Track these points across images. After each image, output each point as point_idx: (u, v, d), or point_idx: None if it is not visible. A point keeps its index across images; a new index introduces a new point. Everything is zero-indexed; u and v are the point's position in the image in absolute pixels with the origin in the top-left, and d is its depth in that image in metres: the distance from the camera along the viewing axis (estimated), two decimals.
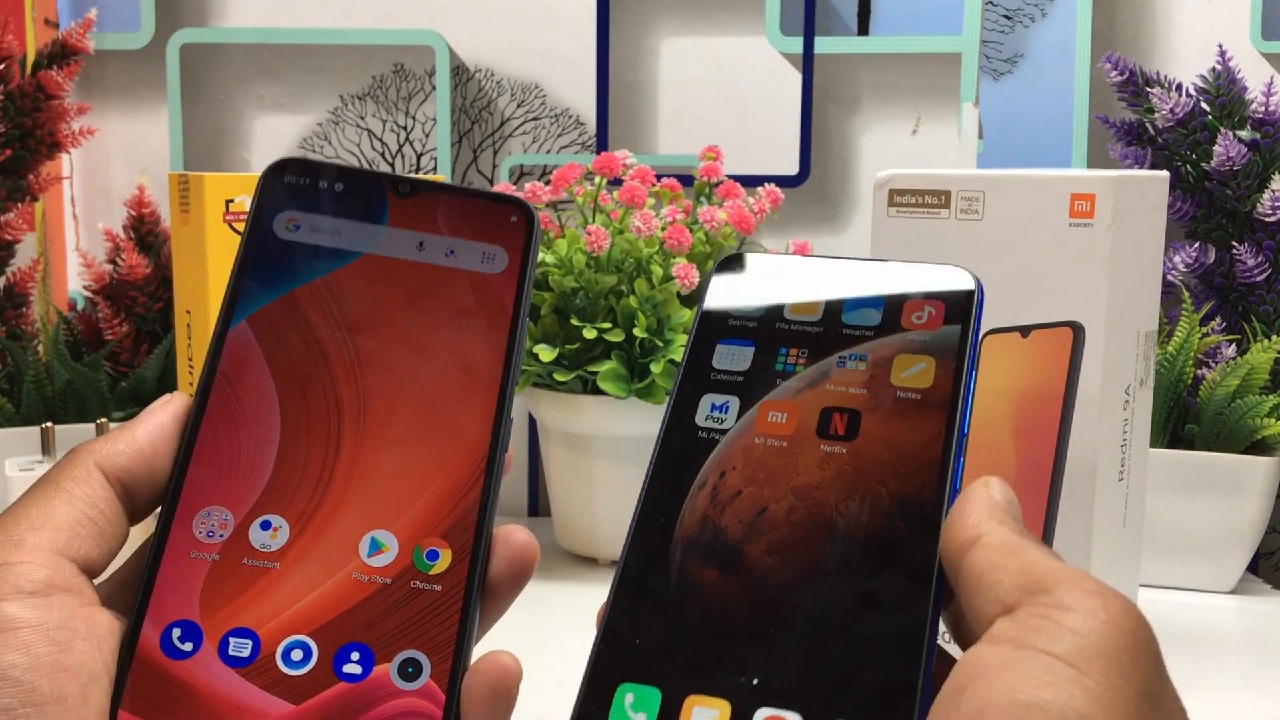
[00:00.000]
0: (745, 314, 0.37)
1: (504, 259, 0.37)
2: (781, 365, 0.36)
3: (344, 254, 0.37)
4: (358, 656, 0.33)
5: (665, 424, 0.36)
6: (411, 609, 0.33)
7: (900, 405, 0.35)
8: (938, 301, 0.36)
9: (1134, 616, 0.28)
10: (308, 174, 0.37)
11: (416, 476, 0.35)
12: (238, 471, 0.35)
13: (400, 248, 0.37)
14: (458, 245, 0.37)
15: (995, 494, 0.33)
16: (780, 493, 0.34)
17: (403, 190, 0.37)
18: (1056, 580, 0.29)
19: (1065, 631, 0.27)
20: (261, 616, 0.33)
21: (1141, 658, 0.28)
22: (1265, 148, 0.88)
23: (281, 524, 0.34)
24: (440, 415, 0.36)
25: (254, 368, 0.36)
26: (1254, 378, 0.83)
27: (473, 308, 0.37)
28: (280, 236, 0.37)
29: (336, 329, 0.36)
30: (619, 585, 0.33)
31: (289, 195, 0.37)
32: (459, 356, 0.36)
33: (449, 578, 0.34)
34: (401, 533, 0.34)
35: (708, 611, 0.32)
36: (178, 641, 0.33)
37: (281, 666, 0.33)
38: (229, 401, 0.35)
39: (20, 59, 0.89)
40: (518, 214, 0.37)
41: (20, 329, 0.91)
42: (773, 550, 0.33)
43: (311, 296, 0.36)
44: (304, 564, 0.34)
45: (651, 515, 0.34)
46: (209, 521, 0.34)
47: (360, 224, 0.37)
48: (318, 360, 0.36)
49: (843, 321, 0.37)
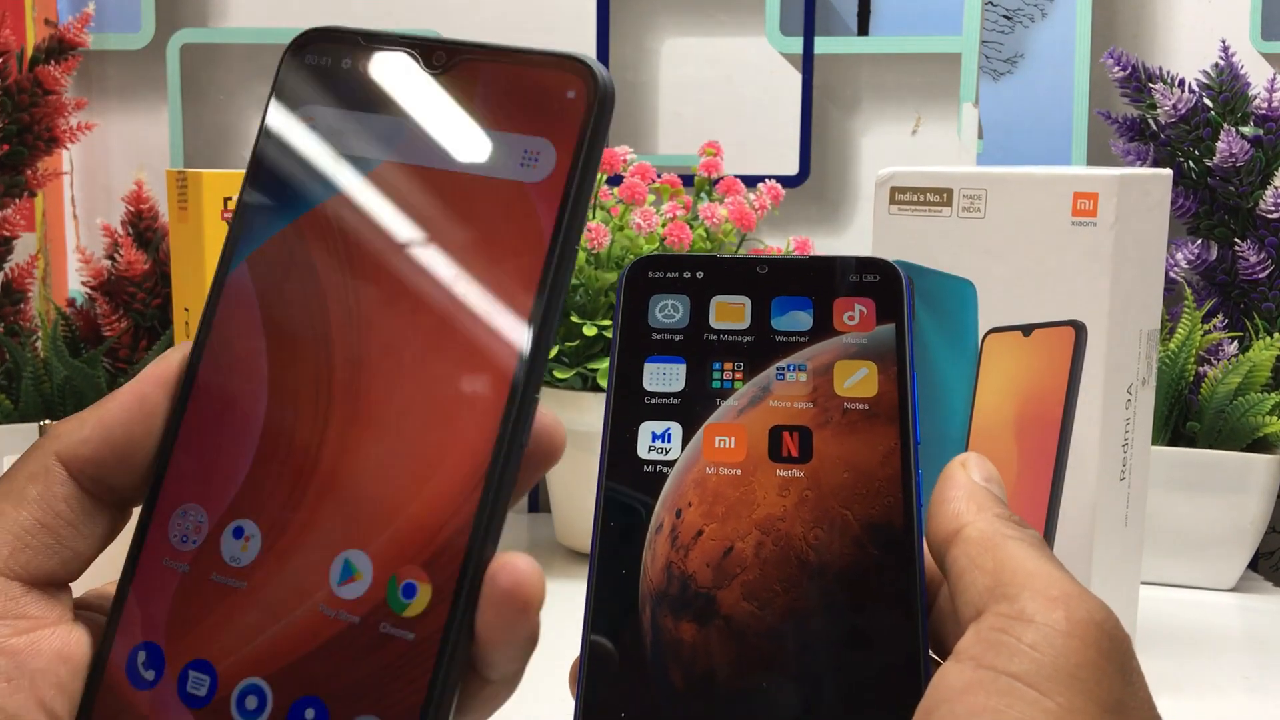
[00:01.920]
0: (669, 326, 0.35)
1: (551, 158, 0.27)
2: (718, 382, 0.34)
3: (360, 162, 0.29)
4: (313, 715, 0.27)
5: (606, 459, 0.33)
6: (376, 660, 0.27)
7: (850, 419, 0.33)
8: (867, 299, 0.35)
9: (1097, 624, 0.27)
10: (332, 52, 0.29)
11: (404, 480, 0.27)
12: (219, 460, 0.28)
13: (420, 151, 0.29)
14: (494, 141, 0.28)
15: (974, 475, 0.32)
16: (744, 528, 0.32)
17: (437, 64, 0.29)
18: (1021, 586, 0.28)
19: (1024, 649, 0.26)
20: (223, 647, 0.28)
21: (1105, 669, 0.27)
22: (1268, 144, 0.88)
23: (254, 533, 0.28)
24: (442, 399, 0.28)
25: (248, 323, 0.29)
26: (1256, 375, 0.83)
27: (495, 244, 0.28)
28: (293, 141, 0.29)
29: (338, 272, 0.29)
30: (591, 651, 0.31)
31: (309, 82, 0.29)
32: (473, 314, 0.28)
33: (424, 623, 0.27)
34: (378, 557, 0.27)
35: (692, 673, 0.30)
36: (142, 668, 0.28)
37: (234, 714, 0.28)
38: (220, 368, 0.29)
39: (18, 54, 0.89)
40: (577, 86, 0.27)
41: (19, 325, 0.91)
42: (748, 594, 0.31)
43: (316, 227, 0.29)
44: (271, 587, 0.28)
45: (611, 567, 0.32)
46: (184, 524, 0.29)
47: (382, 118, 0.29)
48: (314, 316, 0.29)
49: (773, 328, 0.35)
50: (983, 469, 0.32)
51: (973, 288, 0.67)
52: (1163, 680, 0.69)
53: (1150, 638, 0.74)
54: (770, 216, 0.94)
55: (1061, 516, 0.65)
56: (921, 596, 0.31)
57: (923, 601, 0.31)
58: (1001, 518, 0.30)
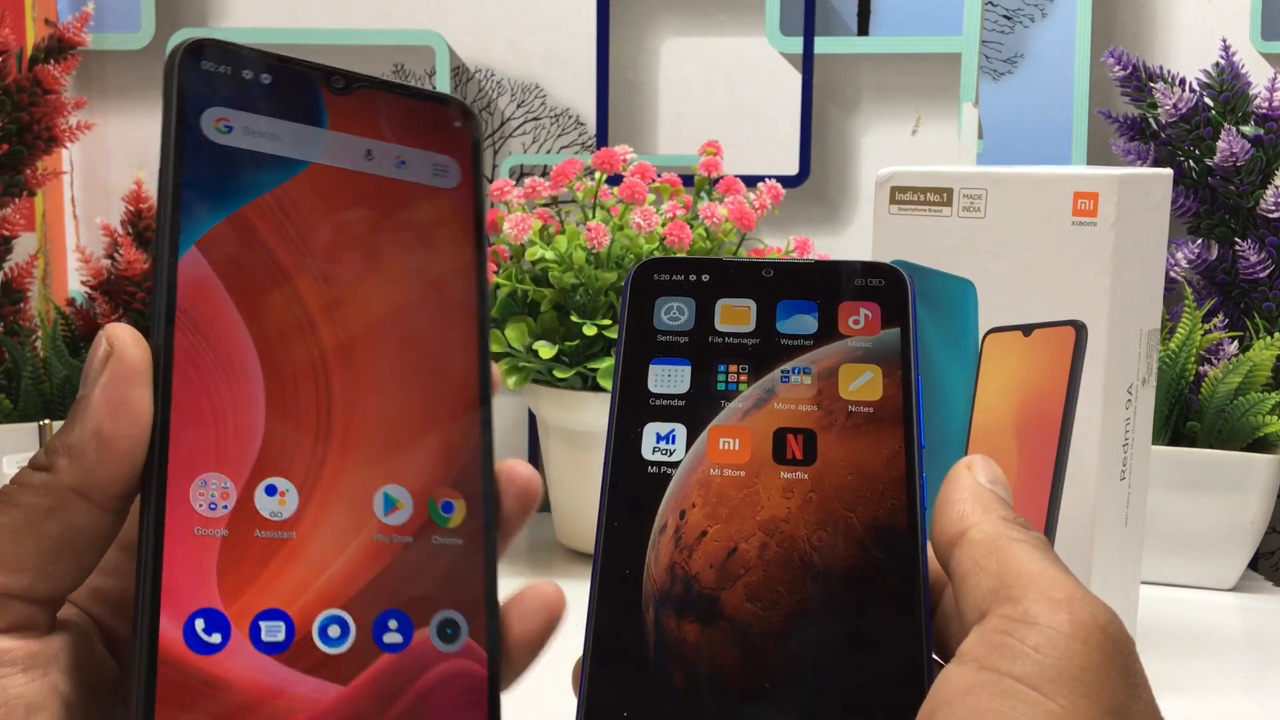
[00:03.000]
0: (674, 328, 0.35)
1: (456, 172, 0.34)
2: (723, 384, 0.34)
3: (289, 163, 0.31)
4: (396, 624, 0.31)
5: (610, 460, 0.33)
6: (437, 567, 0.31)
7: (855, 421, 0.33)
8: (872, 303, 0.35)
9: (1100, 627, 0.27)
10: (231, 61, 0.31)
11: (415, 422, 0.32)
12: (226, 430, 0.30)
13: (347, 156, 0.32)
14: (407, 154, 0.33)
15: (980, 477, 0.32)
16: (748, 529, 0.32)
17: (338, 86, 0.32)
18: (1025, 589, 0.28)
19: (1027, 651, 0.26)
20: (289, 594, 0.30)
21: (1109, 672, 0.27)
22: (1269, 143, 0.88)
23: (289, 487, 0.30)
24: (425, 352, 0.32)
25: (217, 302, 0.30)
26: (1256, 375, 0.83)
27: (435, 229, 0.33)
28: (213, 140, 0.30)
29: (298, 254, 0.31)
30: (594, 651, 0.31)
31: (213, 87, 0.31)
32: (432, 285, 0.33)
33: (466, 529, 0.32)
34: (413, 486, 0.32)
35: (696, 674, 0.30)
36: (203, 634, 0.29)
37: (321, 646, 0.30)
38: (197, 345, 0.30)
39: (18, 53, 0.89)
40: (461, 118, 0.34)
41: (18, 325, 0.91)
42: (752, 596, 0.31)
43: (263, 214, 0.31)
44: (321, 530, 0.30)
45: (614, 567, 0.32)
46: (208, 491, 0.29)
47: (300, 126, 0.32)
48: (286, 292, 0.31)
49: (778, 330, 0.35)
50: (988, 471, 0.32)
51: (973, 288, 0.67)
52: (1163, 680, 0.69)
53: (1150, 638, 0.73)
54: (770, 216, 0.94)
55: (1061, 516, 0.65)
56: (924, 598, 0.31)
57: (926, 603, 0.31)
58: (1006, 520, 0.30)
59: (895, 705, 0.30)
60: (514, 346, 0.84)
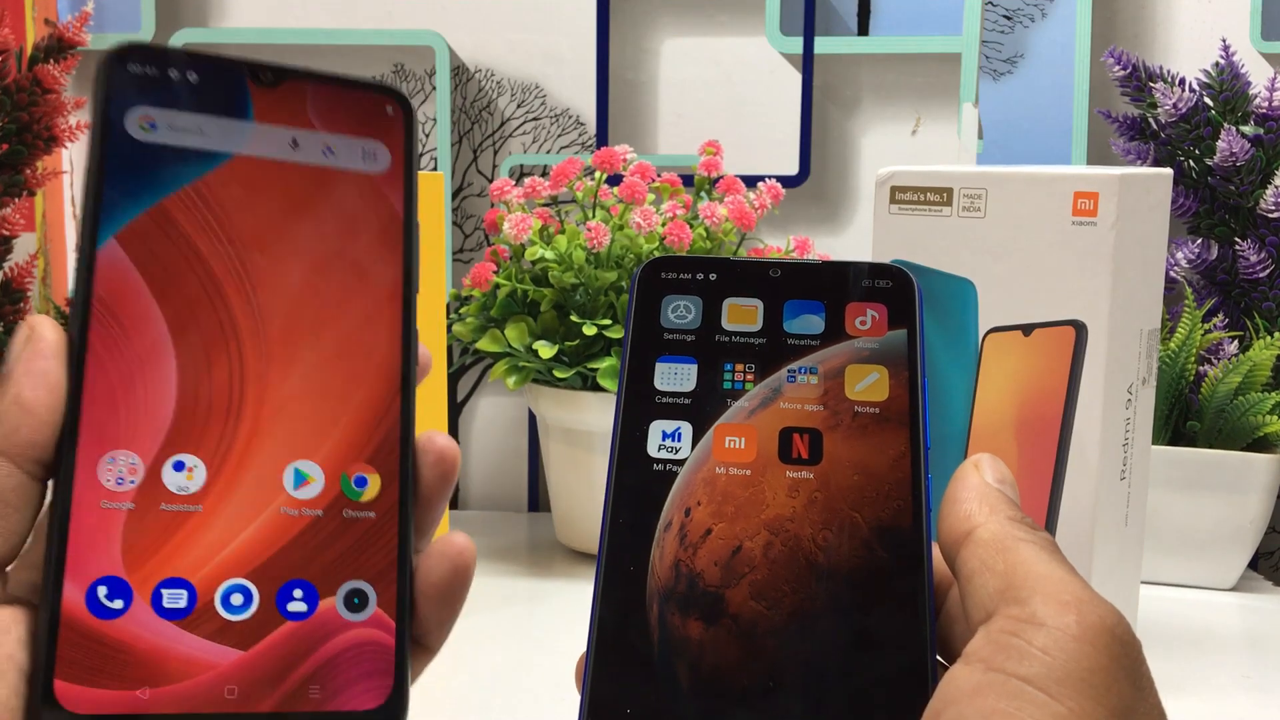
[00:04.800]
0: (681, 327, 0.36)
1: (386, 157, 0.35)
2: (730, 383, 0.35)
3: (212, 156, 0.33)
4: (301, 594, 0.32)
5: (616, 457, 0.34)
6: (347, 539, 0.32)
7: (861, 422, 0.33)
8: (879, 304, 0.35)
9: (1108, 629, 0.27)
10: (157, 62, 0.33)
11: (330, 401, 0.33)
12: (137, 410, 0.31)
13: (273, 146, 0.34)
14: (334, 142, 0.34)
15: (987, 476, 0.32)
16: (752, 528, 0.32)
17: (265, 79, 0.34)
18: (1032, 590, 0.28)
19: (1034, 652, 0.26)
20: (192, 563, 0.31)
21: (1116, 674, 0.27)
22: (1269, 143, 0.88)
23: (196, 463, 0.32)
24: (344, 333, 0.34)
25: (133, 290, 0.32)
26: (1256, 375, 0.83)
27: (362, 213, 0.34)
28: (136, 137, 0.32)
29: (217, 242, 0.33)
30: (598, 647, 0.31)
31: (139, 88, 0.32)
32: (355, 268, 0.34)
33: (381, 503, 0.33)
34: (325, 462, 0.33)
35: (699, 671, 0.30)
36: (105, 600, 0.30)
37: (222, 613, 0.31)
38: (112, 331, 0.31)
39: (17, 53, 0.88)
40: (393, 105, 0.35)
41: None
42: (756, 594, 0.31)
43: (183, 206, 0.33)
44: (228, 503, 0.32)
45: (619, 563, 0.32)
46: (115, 467, 0.31)
47: (225, 120, 0.33)
48: (203, 278, 0.32)
49: (785, 330, 0.35)
50: (995, 470, 0.32)
51: (973, 287, 0.67)
52: (1163, 680, 0.68)
53: (1150, 637, 0.73)
54: (770, 216, 0.94)
55: (1062, 516, 0.65)
56: (929, 599, 0.31)
57: (930, 603, 0.31)
58: (1013, 520, 0.30)
59: (900, 705, 0.30)
60: (514, 346, 0.84)
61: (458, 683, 0.67)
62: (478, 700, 0.64)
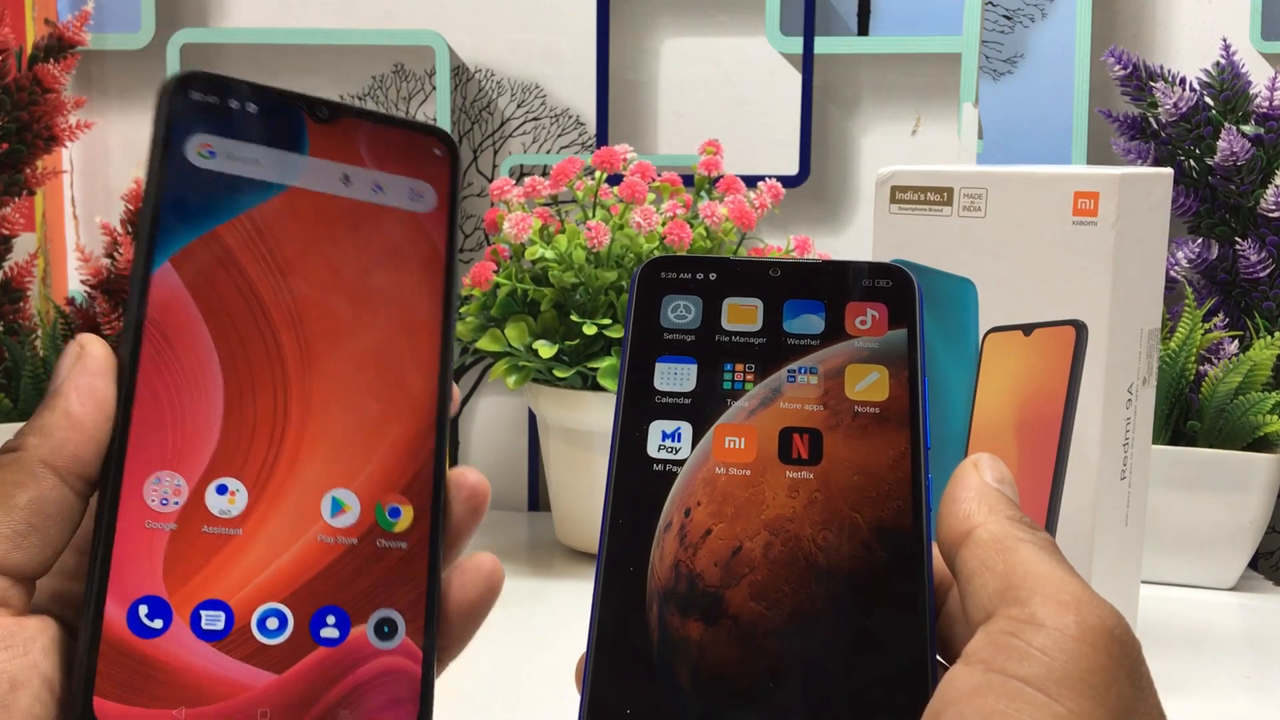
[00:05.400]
0: (681, 327, 0.36)
1: (433, 197, 0.36)
2: (730, 383, 0.35)
3: (267, 186, 0.34)
4: (334, 620, 0.32)
5: (615, 457, 0.34)
6: (380, 568, 0.33)
7: (861, 422, 0.33)
8: (879, 304, 0.35)
9: (1108, 630, 0.27)
10: (219, 92, 0.33)
11: (369, 432, 0.34)
12: (183, 431, 0.32)
13: (325, 180, 0.34)
14: (384, 180, 0.35)
15: (987, 476, 0.32)
16: (752, 528, 0.32)
17: (321, 115, 0.35)
18: (1031, 590, 0.28)
19: (1034, 653, 0.27)
20: (231, 586, 0.32)
21: (1115, 675, 0.27)
22: (1269, 143, 0.88)
23: (239, 487, 0.32)
24: (385, 366, 0.34)
25: (185, 314, 0.32)
26: (1256, 374, 0.83)
27: (406, 250, 0.35)
28: (195, 164, 0.33)
29: (267, 271, 0.34)
30: (598, 648, 0.31)
31: (200, 116, 0.33)
32: (398, 303, 0.35)
33: (413, 534, 0.34)
34: (361, 491, 0.34)
35: (699, 672, 0.30)
36: (146, 619, 0.31)
37: (258, 636, 0.32)
38: (162, 352, 0.32)
39: (17, 53, 0.89)
40: (441, 147, 0.36)
41: (18, 324, 0.91)
42: (756, 595, 0.31)
43: (237, 234, 0.33)
44: (267, 529, 0.32)
45: (619, 564, 0.32)
46: (160, 488, 0.32)
47: (281, 152, 0.34)
48: (252, 305, 0.33)
49: (785, 330, 0.35)
50: (995, 470, 0.32)
51: (973, 287, 0.67)
52: (1163, 680, 0.68)
53: (1150, 637, 0.73)
54: (770, 216, 0.94)
55: (1062, 516, 0.65)
56: (929, 599, 0.31)
57: (930, 604, 0.31)
58: (1013, 520, 0.30)
59: (899, 706, 0.30)
60: (514, 346, 0.84)
61: (458, 682, 0.66)
62: (478, 700, 0.64)
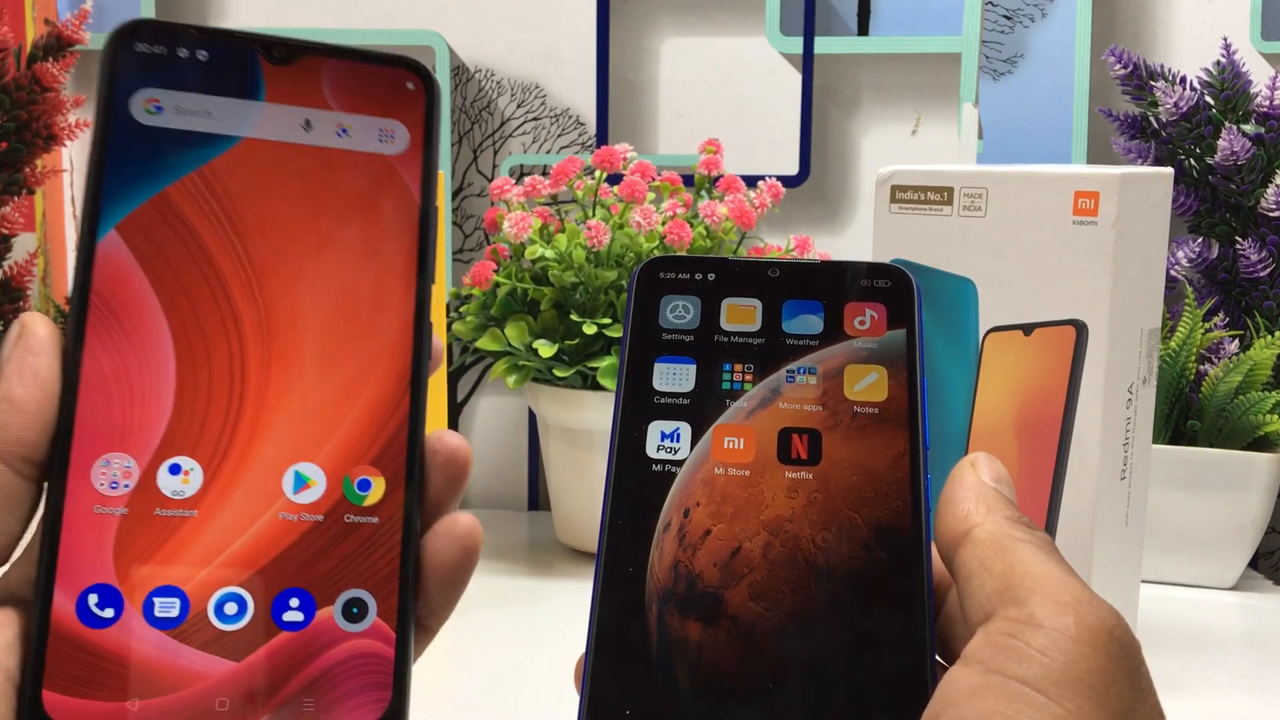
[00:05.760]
0: (679, 327, 0.35)
1: (404, 137, 0.33)
2: (728, 384, 0.34)
3: (219, 139, 0.32)
4: (297, 603, 0.31)
5: (614, 457, 0.33)
6: (348, 545, 0.31)
7: (860, 422, 0.33)
8: (878, 304, 0.35)
9: (1106, 630, 0.27)
10: (165, 39, 0.31)
11: (335, 400, 0.32)
12: (133, 410, 0.30)
13: (283, 128, 0.32)
14: (350, 122, 0.32)
15: (984, 475, 0.32)
16: (752, 528, 0.32)
17: (278, 56, 0.32)
18: (1030, 591, 0.28)
19: (1033, 654, 0.26)
20: (185, 571, 0.30)
21: (1114, 675, 0.27)
22: (1270, 142, 0.88)
23: (193, 466, 0.31)
24: (353, 327, 0.32)
25: (133, 285, 0.31)
26: (1256, 374, 0.82)
27: (375, 198, 0.33)
28: (141, 121, 0.31)
29: (221, 232, 0.31)
30: (597, 649, 0.31)
31: (146, 68, 0.31)
32: (366, 258, 0.32)
33: (385, 507, 0.31)
34: (327, 464, 0.31)
35: (698, 672, 0.30)
36: (95, 608, 0.29)
37: (216, 622, 0.30)
38: (110, 328, 0.30)
39: (16, 51, 0.88)
40: (415, 80, 0.33)
41: None
42: (755, 595, 0.31)
43: (187, 194, 0.31)
44: (224, 508, 0.31)
45: (618, 565, 0.32)
46: (109, 470, 0.30)
47: (234, 101, 0.32)
48: (206, 271, 0.31)
49: (784, 330, 0.35)
50: (992, 469, 0.32)
51: (973, 287, 0.67)
52: (1163, 680, 0.68)
53: (1150, 637, 0.73)
54: (770, 215, 0.94)
55: (1062, 516, 0.65)
56: (929, 599, 0.31)
57: (930, 604, 0.31)
58: (1011, 520, 0.30)
59: (899, 706, 0.29)
60: (514, 345, 0.84)
61: (458, 682, 0.67)
62: (478, 700, 0.64)
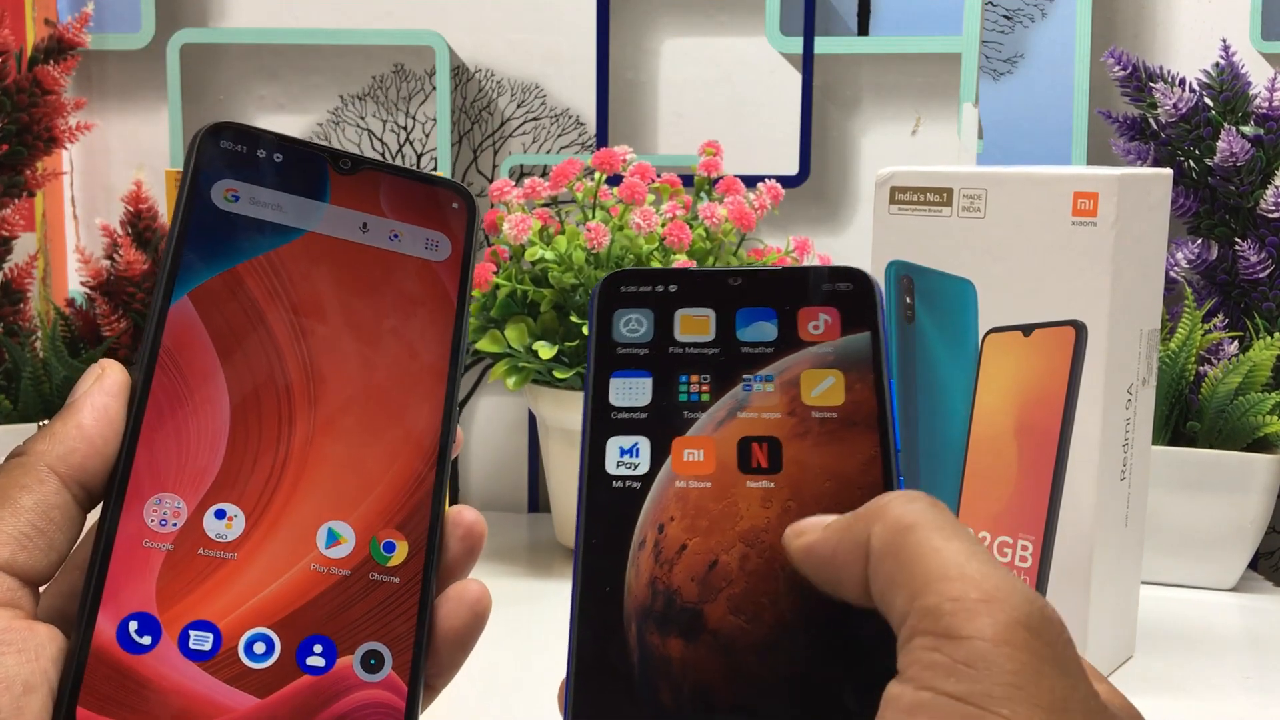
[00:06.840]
0: (634, 341, 0.35)
1: (447, 247, 0.37)
2: (685, 395, 0.34)
3: (287, 230, 0.36)
4: (320, 649, 0.33)
5: (584, 475, 0.34)
6: (371, 601, 0.34)
7: (823, 427, 0.33)
8: (831, 308, 0.35)
9: (1022, 624, 0.27)
10: (247, 141, 0.36)
11: (370, 467, 0.35)
12: (187, 456, 0.34)
13: (343, 227, 0.36)
14: (401, 229, 0.37)
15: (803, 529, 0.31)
16: (727, 541, 0.32)
17: (344, 166, 0.37)
18: (940, 596, 0.27)
19: (959, 668, 0.26)
20: (221, 608, 0.32)
21: (1040, 669, 0.26)
22: (1269, 143, 0.88)
23: (237, 513, 0.33)
24: (390, 405, 0.36)
25: (198, 346, 0.34)
26: (1256, 375, 0.82)
27: (418, 296, 0.37)
28: (219, 206, 0.35)
29: (281, 309, 0.35)
30: (578, 670, 0.31)
31: (227, 162, 0.35)
32: (406, 345, 0.36)
33: (406, 569, 0.34)
34: (358, 524, 0.34)
35: (680, 689, 0.30)
36: (135, 635, 0.32)
37: (244, 660, 0.32)
38: (174, 381, 0.34)
39: (17, 54, 0.89)
40: (459, 200, 0.38)
41: (18, 325, 0.91)
42: (734, 608, 0.31)
43: (254, 273, 0.35)
44: (261, 555, 0.33)
45: (595, 584, 0.32)
46: (160, 509, 0.33)
47: (302, 199, 0.36)
48: (264, 341, 0.35)
49: (738, 339, 0.35)
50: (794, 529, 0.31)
51: (973, 288, 0.67)
52: (1163, 680, 0.69)
53: (1150, 638, 0.73)
54: (770, 216, 0.94)
55: (1062, 516, 0.65)
56: None
57: None
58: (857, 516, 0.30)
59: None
60: (514, 346, 0.84)
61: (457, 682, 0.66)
62: (477, 700, 0.65)
